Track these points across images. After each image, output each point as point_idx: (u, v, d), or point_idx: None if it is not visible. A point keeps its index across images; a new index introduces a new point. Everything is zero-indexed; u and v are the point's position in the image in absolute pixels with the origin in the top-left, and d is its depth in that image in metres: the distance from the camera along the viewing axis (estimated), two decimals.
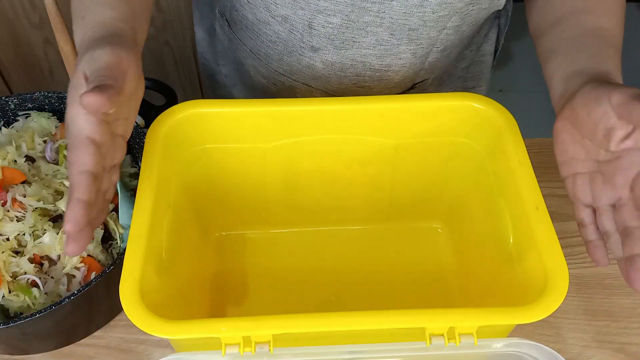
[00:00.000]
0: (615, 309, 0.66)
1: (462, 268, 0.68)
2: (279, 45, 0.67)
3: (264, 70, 0.72)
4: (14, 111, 0.71)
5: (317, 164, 0.64)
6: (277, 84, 0.72)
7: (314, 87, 0.70)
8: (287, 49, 0.67)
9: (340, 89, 0.69)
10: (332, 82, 0.68)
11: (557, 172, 0.53)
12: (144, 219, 0.51)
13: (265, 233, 0.72)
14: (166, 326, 0.45)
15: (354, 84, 0.68)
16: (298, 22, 0.63)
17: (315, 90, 0.70)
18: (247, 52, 0.72)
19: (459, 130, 0.61)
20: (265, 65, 0.71)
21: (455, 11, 0.61)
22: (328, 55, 0.65)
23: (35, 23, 1.32)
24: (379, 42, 0.63)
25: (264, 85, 0.74)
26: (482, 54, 0.78)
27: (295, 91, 0.72)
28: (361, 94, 0.69)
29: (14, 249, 0.60)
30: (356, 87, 0.69)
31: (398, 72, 0.67)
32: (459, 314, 0.47)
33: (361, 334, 0.49)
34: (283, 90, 0.73)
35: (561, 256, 0.49)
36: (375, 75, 0.67)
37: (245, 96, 0.82)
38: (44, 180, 0.65)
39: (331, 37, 0.63)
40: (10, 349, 0.61)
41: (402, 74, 0.67)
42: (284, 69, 0.70)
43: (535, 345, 0.48)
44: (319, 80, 0.69)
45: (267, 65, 0.71)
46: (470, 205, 0.65)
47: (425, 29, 0.62)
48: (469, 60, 0.77)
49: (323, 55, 0.65)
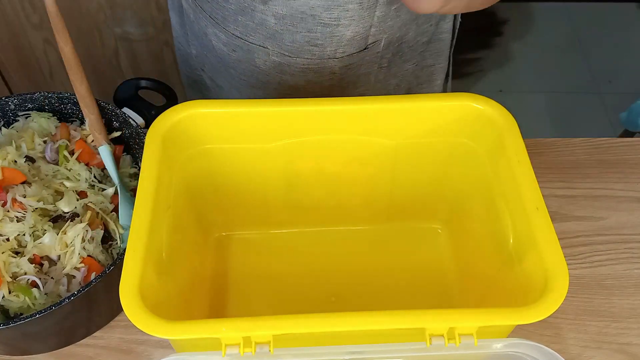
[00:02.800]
0: (615, 310, 0.66)
1: (462, 268, 0.68)
2: (232, 3, 0.68)
3: (223, 35, 0.73)
4: (14, 111, 0.71)
5: (317, 164, 0.64)
6: (236, 50, 0.74)
7: (269, 49, 0.71)
8: (239, 6, 0.68)
9: (295, 47, 0.70)
10: (285, 41, 0.69)
11: (557, 172, 0.53)
12: (144, 219, 0.51)
13: (265, 233, 0.72)
14: (166, 326, 0.45)
15: (307, 42, 0.69)
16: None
17: (271, 52, 0.71)
18: (207, 19, 0.74)
19: (459, 130, 0.61)
20: (224, 30, 0.72)
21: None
22: (278, 7, 0.66)
23: (35, 23, 1.32)
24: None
25: (225, 54, 0.76)
26: (441, 31, 0.79)
27: (254, 56, 0.73)
28: (315, 54, 0.70)
29: (14, 249, 0.60)
30: (309, 45, 0.69)
31: (348, 27, 0.67)
32: (459, 314, 0.47)
33: (361, 335, 0.49)
34: (242, 57, 0.74)
35: (561, 256, 0.49)
36: (326, 30, 0.68)
37: (212, 76, 0.83)
38: (44, 181, 0.65)
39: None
40: (10, 349, 0.61)
41: (352, 30, 0.68)
42: (240, 31, 0.71)
43: (535, 345, 0.48)
44: (274, 39, 0.70)
45: (225, 30, 0.72)
46: (470, 206, 0.65)
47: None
48: (429, 35, 0.78)
49: (274, 8, 0.66)
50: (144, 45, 1.38)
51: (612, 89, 2.01)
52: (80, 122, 0.73)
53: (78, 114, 0.72)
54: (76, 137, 0.69)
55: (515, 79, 2.07)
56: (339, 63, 0.72)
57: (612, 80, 2.03)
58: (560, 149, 0.81)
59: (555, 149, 0.81)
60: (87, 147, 0.68)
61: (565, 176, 0.77)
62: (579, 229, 0.73)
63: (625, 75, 2.04)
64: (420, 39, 0.77)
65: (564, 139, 0.82)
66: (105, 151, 0.66)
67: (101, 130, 0.67)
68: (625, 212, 0.74)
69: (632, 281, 0.68)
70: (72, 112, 0.72)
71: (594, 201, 0.75)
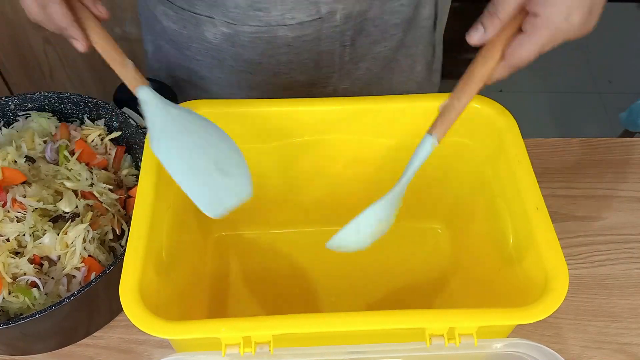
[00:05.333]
0: (615, 310, 0.66)
1: (462, 268, 0.68)
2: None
3: (171, 11, 0.72)
4: (14, 111, 0.71)
5: (317, 164, 0.64)
6: (186, 26, 0.72)
7: (215, 18, 0.69)
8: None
9: (239, 14, 0.68)
10: (229, 7, 0.67)
11: (557, 173, 0.53)
12: (144, 219, 0.51)
13: (265, 233, 0.72)
14: (166, 326, 0.45)
15: (249, 5, 0.67)
16: None
17: (217, 21, 0.69)
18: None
19: (459, 130, 0.61)
20: (171, 5, 0.71)
21: None
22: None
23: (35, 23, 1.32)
24: None
25: (177, 34, 0.74)
26: (421, 18, 0.76)
27: (202, 29, 0.71)
28: (262, 20, 0.68)
29: (13, 249, 0.59)
30: (253, 10, 0.67)
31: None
32: (459, 314, 0.47)
33: (361, 334, 0.49)
34: (193, 33, 0.73)
35: (561, 256, 0.49)
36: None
37: (168, 72, 0.82)
38: (44, 181, 0.65)
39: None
40: (10, 350, 0.61)
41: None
42: (185, 1, 0.70)
43: (535, 345, 0.48)
44: (217, 7, 0.68)
45: (171, 4, 0.71)
46: (471, 206, 0.65)
47: None
48: (402, 17, 0.74)
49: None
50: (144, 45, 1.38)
51: (612, 89, 2.01)
52: (80, 122, 0.73)
53: (78, 114, 0.72)
54: (76, 137, 0.69)
55: (515, 79, 2.06)
56: (290, 32, 0.69)
57: (612, 80, 2.03)
58: (560, 149, 0.81)
59: (555, 149, 0.81)
60: (87, 147, 0.68)
61: (565, 176, 0.77)
62: (579, 229, 0.73)
63: (625, 75, 2.04)
64: (390, 18, 0.73)
65: (564, 139, 0.82)
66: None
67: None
68: (625, 212, 0.74)
69: (632, 281, 0.68)
70: (72, 112, 0.72)
71: (594, 201, 0.75)
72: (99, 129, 0.70)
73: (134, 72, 0.53)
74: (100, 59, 0.56)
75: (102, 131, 0.70)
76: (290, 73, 0.75)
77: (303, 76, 0.75)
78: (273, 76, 0.75)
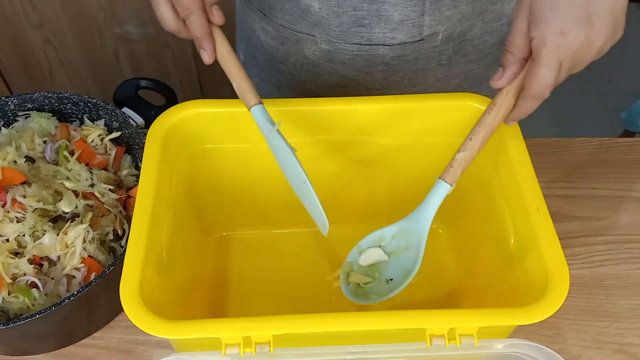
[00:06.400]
0: (615, 310, 0.66)
1: (462, 269, 0.68)
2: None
3: (271, 28, 0.73)
4: (14, 111, 0.71)
5: (317, 164, 0.64)
6: (284, 42, 0.73)
7: (317, 36, 0.70)
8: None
9: (342, 31, 0.68)
10: (332, 25, 0.68)
11: (557, 173, 0.53)
12: (144, 219, 0.51)
13: (265, 233, 0.72)
14: (166, 326, 0.45)
15: (353, 22, 0.67)
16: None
17: (319, 39, 0.70)
18: (256, 13, 0.73)
19: (459, 130, 0.61)
20: (271, 22, 0.72)
21: None
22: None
23: (35, 23, 1.32)
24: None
25: (273, 49, 0.75)
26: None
27: (302, 46, 0.72)
28: (364, 37, 0.68)
29: (13, 250, 0.59)
30: (357, 26, 0.68)
31: (395, 7, 0.65)
32: (460, 314, 0.47)
33: (361, 335, 0.49)
34: (291, 49, 0.73)
35: (562, 257, 0.49)
36: (372, 8, 0.66)
37: (259, 80, 0.83)
38: (44, 181, 0.64)
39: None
40: (10, 350, 0.61)
41: (400, 11, 0.65)
42: (287, 20, 0.70)
43: (535, 346, 0.48)
44: (320, 26, 0.69)
45: (272, 21, 0.72)
46: (471, 206, 0.65)
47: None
48: (499, 36, 0.74)
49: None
50: (143, 45, 1.38)
51: (612, 89, 2.01)
52: (80, 122, 0.73)
53: (78, 114, 0.72)
54: (76, 137, 0.69)
55: None
56: (390, 52, 0.70)
57: (612, 80, 2.03)
58: (560, 149, 0.81)
59: (556, 149, 0.81)
60: (87, 147, 0.68)
61: (566, 176, 0.77)
62: (579, 229, 0.73)
63: (625, 75, 2.04)
64: (489, 39, 0.73)
65: (564, 139, 0.82)
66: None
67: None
68: (625, 212, 0.74)
69: (632, 281, 0.68)
70: (72, 112, 0.72)
71: (594, 201, 0.75)
72: (98, 129, 0.70)
73: (250, 91, 0.56)
74: (100, 59, 0.56)
75: (102, 131, 0.70)
76: (384, 89, 0.75)
77: (396, 92, 0.76)
78: (366, 91, 0.75)
